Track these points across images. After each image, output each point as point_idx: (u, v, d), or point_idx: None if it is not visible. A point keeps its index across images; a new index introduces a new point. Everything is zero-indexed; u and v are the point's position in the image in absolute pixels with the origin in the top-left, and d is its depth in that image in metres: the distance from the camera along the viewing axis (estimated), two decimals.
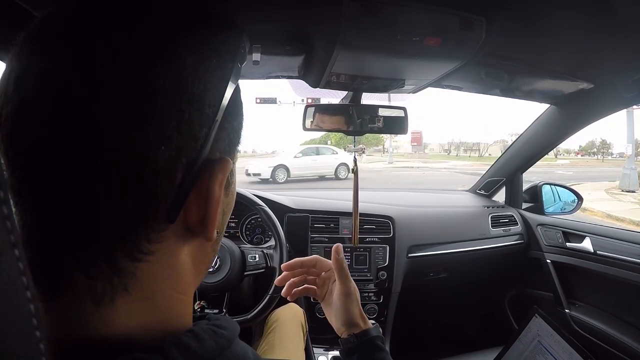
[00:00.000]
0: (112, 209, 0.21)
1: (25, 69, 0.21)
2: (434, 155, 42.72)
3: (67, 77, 0.20)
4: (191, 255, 0.25)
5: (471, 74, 0.89)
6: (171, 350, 0.20)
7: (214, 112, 0.23)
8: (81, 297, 0.21)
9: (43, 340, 0.14)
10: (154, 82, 0.21)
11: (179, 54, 0.22)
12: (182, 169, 0.22)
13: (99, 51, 0.20)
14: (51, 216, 0.20)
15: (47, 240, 0.21)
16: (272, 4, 0.58)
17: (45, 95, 0.20)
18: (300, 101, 9.78)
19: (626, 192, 9.06)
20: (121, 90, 0.20)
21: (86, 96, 0.20)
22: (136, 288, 0.22)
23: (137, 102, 0.20)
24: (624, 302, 1.10)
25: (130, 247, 0.21)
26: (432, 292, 1.56)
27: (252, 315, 0.92)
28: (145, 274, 0.22)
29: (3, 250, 0.13)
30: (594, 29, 0.63)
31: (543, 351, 0.78)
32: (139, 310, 0.22)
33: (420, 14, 0.55)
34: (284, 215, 1.11)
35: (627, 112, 10.06)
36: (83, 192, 0.20)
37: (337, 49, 0.60)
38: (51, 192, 0.20)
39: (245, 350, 0.25)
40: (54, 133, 0.20)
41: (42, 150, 0.20)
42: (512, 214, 1.46)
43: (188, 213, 0.23)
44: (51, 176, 0.20)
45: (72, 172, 0.20)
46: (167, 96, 0.21)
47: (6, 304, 0.13)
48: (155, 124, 0.21)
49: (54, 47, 0.21)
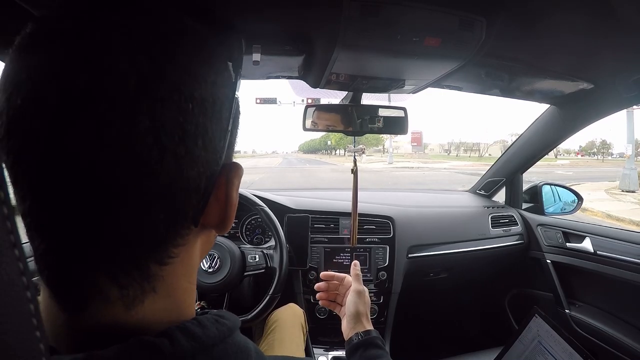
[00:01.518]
0: (147, 226, 0.22)
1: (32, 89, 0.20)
2: (434, 155, 42.73)
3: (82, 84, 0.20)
4: (201, 247, 0.27)
5: (471, 74, 0.89)
6: (177, 334, 0.22)
7: (227, 123, 0.24)
8: (113, 303, 0.22)
9: (43, 340, 0.14)
10: (185, 106, 0.21)
11: (203, 74, 0.23)
12: (205, 180, 0.24)
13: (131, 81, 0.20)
14: (81, 235, 0.21)
15: (76, 256, 0.21)
16: (272, 4, 0.58)
17: (64, 108, 0.20)
18: (300, 101, 9.79)
19: (626, 192, 9.07)
20: (155, 120, 0.20)
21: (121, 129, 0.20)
22: (162, 287, 0.24)
23: (169, 127, 0.21)
24: (624, 302, 1.10)
25: (160, 254, 0.23)
26: (432, 292, 1.56)
27: (252, 316, 0.92)
28: (170, 274, 0.24)
29: (3, 250, 0.13)
30: (594, 29, 0.63)
31: (543, 351, 0.78)
32: (161, 305, 0.24)
33: (420, 14, 0.55)
34: (284, 216, 1.11)
35: (627, 112, 10.07)
36: (117, 214, 0.21)
37: (337, 49, 0.60)
38: (89, 216, 0.20)
39: (247, 341, 0.26)
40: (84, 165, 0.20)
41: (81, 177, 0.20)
42: (512, 214, 1.46)
43: (208, 215, 0.25)
44: (89, 202, 0.20)
45: (112, 199, 0.20)
46: (194, 118, 0.22)
47: (6, 304, 0.13)
48: (185, 146, 0.21)
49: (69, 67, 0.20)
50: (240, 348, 0.25)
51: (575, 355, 0.72)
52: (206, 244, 0.29)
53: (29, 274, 0.14)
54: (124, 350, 0.20)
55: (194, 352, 0.22)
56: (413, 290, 1.31)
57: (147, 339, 0.21)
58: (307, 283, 1.23)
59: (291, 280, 1.22)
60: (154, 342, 0.21)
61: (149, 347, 0.20)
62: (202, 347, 0.22)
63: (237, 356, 0.24)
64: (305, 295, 1.24)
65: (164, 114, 0.20)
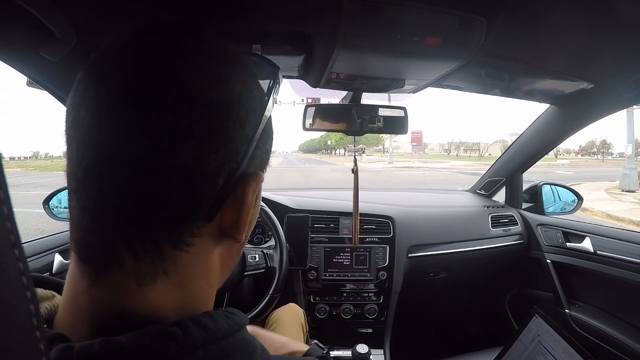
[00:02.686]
0: (166, 203, 0.24)
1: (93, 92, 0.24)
2: (434, 155, 42.73)
3: (135, 95, 0.24)
4: (220, 255, 0.29)
5: (471, 74, 0.89)
6: (189, 325, 0.23)
7: (252, 134, 0.27)
8: (127, 274, 0.24)
9: (43, 340, 0.14)
10: (211, 103, 0.25)
11: (231, 82, 0.26)
12: (224, 177, 0.26)
13: (165, 74, 0.24)
14: (113, 204, 0.24)
15: (104, 223, 0.24)
16: (273, 4, 0.58)
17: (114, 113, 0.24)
18: (300, 101, 9.78)
19: (626, 192, 9.07)
20: (183, 107, 0.24)
21: (151, 110, 0.23)
22: (174, 274, 0.25)
23: (195, 117, 0.24)
24: (624, 302, 1.10)
25: (175, 237, 0.25)
26: (432, 292, 1.57)
27: (253, 315, 0.92)
28: (183, 262, 0.25)
29: (3, 250, 0.13)
30: (594, 29, 0.63)
31: (543, 351, 0.78)
32: (173, 293, 0.25)
33: (420, 14, 0.55)
34: (284, 215, 1.11)
35: (627, 112, 10.08)
36: (143, 188, 0.23)
37: (338, 49, 0.60)
38: (116, 185, 0.23)
39: (253, 339, 0.28)
40: (121, 140, 0.23)
41: (111, 151, 0.23)
42: (512, 214, 1.46)
43: (224, 215, 0.27)
44: (117, 172, 0.23)
45: (136, 171, 0.23)
46: (218, 115, 0.25)
47: (6, 304, 0.13)
48: (208, 136, 0.24)
49: (117, 73, 0.25)
50: (248, 343, 0.26)
51: (575, 355, 0.72)
52: (228, 256, 0.30)
53: (29, 274, 0.14)
54: (140, 336, 0.21)
55: (205, 342, 0.23)
56: (413, 290, 1.31)
57: (161, 328, 0.22)
58: (307, 283, 1.23)
59: (291, 280, 1.22)
60: (168, 331, 0.22)
61: (163, 335, 0.22)
62: (212, 339, 0.24)
63: (244, 350, 0.26)
64: (305, 295, 1.24)
65: (193, 108, 0.24)
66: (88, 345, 0.21)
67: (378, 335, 1.26)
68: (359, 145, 0.99)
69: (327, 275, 1.22)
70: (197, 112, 0.24)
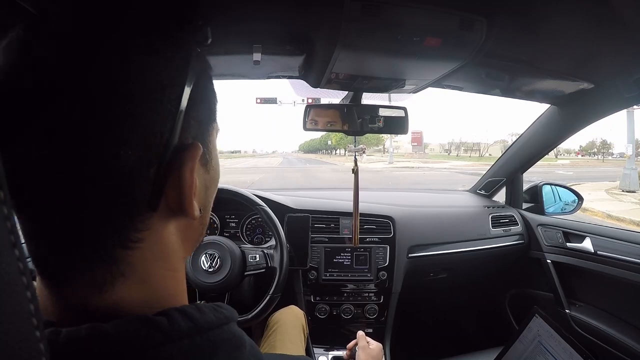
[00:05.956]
0: (100, 209, 0.23)
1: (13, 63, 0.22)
2: (434, 155, 42.72)
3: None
4: (179, 233, 0.28)
5: (471, 74, 0.89)
6: (175, 314, 0.23)
7: (176, 106, 0.24)
8: (85, 285, 0.23)
9: (43, 340, 0.14)
10: (102, 90, 0.22)
11: (129, 57, 0.23)
12: (155, 163, 0.24)
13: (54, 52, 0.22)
14: (48, 219, 0.23)
15: (48, 243, 0.23)
16: (273, 4, 0.58)
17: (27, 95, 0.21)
18: (300, 101, 9.79)
19: (626, 192, 9.06)
20: (74, 105, 0.21)
21: (50, 115, 0.21)
22: (132, 273, 0.24)
23: (88, 112, 0.22)
24: (624, 302, 1.10)
25: (122, 238, 0.24)
26: (432, 292, 1.56)
27: (253, 315, 0.92)
28: (138, 259, 0.25)
29: (3, 250, 0.13)
30: (594, 29, 0.63)
31: (543, 351, 0.78)
32: (136, 291, 0.25)
33: (420, 15, 0.55)
34: (284, 215, 1.11)
35: (627, 112, 10.05)
36: (69, 199, 0.22)
37: (338, 49, 0.60)
38: (44, 199, 0.22)
39: (242, 333, 0.27)
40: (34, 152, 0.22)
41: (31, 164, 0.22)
42: (512, 214, 1.46)
43: (168, 199, 0.25)
44: (41, 187, 0.22)
45: (57, 183, 0.22)
46: (115, 102, 0.22)
47: (6, 304, 0.13)
48: (113, 130, 0.22)
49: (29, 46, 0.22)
50: (235, 336, 0.26)
51: (575, 355, 0.72)
52: (189, 231, 0.29)
53: (29, 274, 0.14)
54: (124, 324, 0.22)
55: (190, 332, 0.23)
56: (413, 290, 1.31)
57: (145, 316, 0.22)
58: (307, 283, 1.23)
59: (292, 280, 1.22)
60: (153, 319, 0.22)
61: (147, 323, 0.22)
62: (198, 329, 0.24)
63: (231, 342, 0.25)
64: (305, 295, 1.24)
65: (91, 98, 0.22)
66: (75, 330, 0.21)
67: (378, 335, 1.26)
68: (359, 145, 0.99)
69: (327, 275, 1.22)
70: (87, 106, 0.21)
